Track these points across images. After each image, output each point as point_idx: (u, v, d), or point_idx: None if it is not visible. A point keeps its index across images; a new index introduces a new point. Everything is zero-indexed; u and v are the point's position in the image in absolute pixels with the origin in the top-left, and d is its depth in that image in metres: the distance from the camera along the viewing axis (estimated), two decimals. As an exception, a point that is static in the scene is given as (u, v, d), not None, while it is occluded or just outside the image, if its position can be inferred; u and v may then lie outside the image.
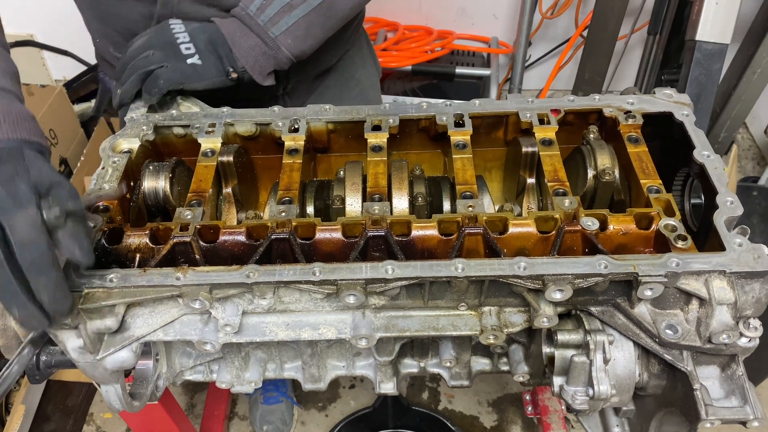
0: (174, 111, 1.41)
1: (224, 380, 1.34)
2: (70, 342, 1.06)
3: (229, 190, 1.34)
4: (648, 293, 1.02)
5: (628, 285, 1.06)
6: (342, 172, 1.34)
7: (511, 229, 1.13)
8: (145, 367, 1.26)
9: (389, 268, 1.05)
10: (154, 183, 1.27)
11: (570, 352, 1.12)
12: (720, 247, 1.05)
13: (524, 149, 1.29)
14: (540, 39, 3.94)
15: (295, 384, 2.85)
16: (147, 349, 1.24)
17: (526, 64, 3.86)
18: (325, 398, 2.87)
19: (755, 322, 1.02)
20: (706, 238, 1.15)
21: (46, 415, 2.67)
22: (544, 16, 3.67)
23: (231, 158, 1.30)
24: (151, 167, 1.28)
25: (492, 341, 1.12)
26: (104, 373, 1.13)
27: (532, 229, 1.13)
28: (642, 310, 1.07)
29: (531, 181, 1.32)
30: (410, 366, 1.39)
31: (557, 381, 1.16)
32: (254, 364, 1.35)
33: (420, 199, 1.28)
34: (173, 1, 1.48)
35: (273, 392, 2.73)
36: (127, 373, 1.23)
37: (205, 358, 1.33)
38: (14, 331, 1.16)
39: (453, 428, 2.73)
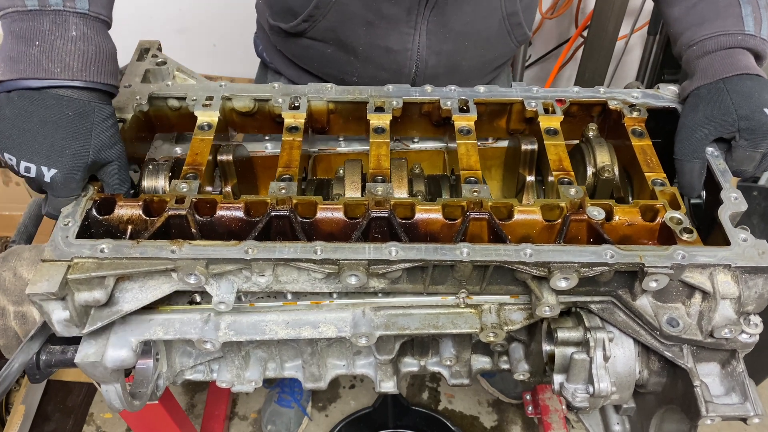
0: (169, 82, 1.39)
1: (224, 379, 1.34)
2: (56, 314, 1.03)
3: (228, 189, 1.34)
4: (653, 285, 1.02)
5: (631, 277, 1.06)
6: (341, 171, 1.34)
7: (517, 216, 1.12)
8: (145, 366, 1.26)
9: (393, 250, 1.04)
10: (154, 182, 1.27)
11: (570, 350, 1.12)
12: (723, 242, 1.06)
13: (524, 147, 1.29)
14: (540, 39, 3.94)
15: (312, 396, 2.85)
16: (147, 349, 1.24)
17: (526, 64, 3.85)
18: (326, 398, 2.87)
19: (756, 319, 1.02)
20: (707, 235, 1.15)
21: (46, 415, 2.66)
22: (544, 16, 3.66)
23: (230, 157, 1.29)
24: (150, 166, 1.28)
25: (492, 339, 1.12)
26: (104, 372, 1.12)
27: (537, 216, 1.12)
28: (643, 303, 1.08)
29: (530, 178, 1.32)
30: (410, 365, 1.39)
31: (557, 379, 1.16)
32: (254, 363, 1.35)
33: (420, 197, 1.27)
34: None
35: (288, 396, 2.72)
36: (127, 372, 1.23)
37: (205, 357, 1.33)
38: (14, 331, 1.16)
39: (453, 428, 2.73)
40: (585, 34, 3.41)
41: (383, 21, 1.54)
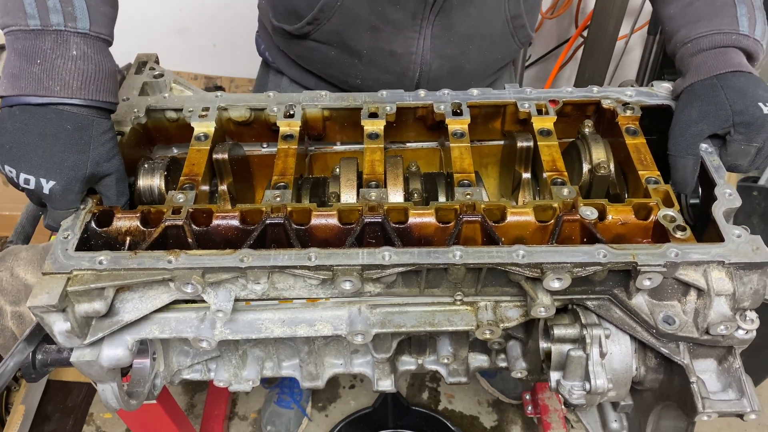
0: (166, 94, 1.40)
1: (222, 379, 1.34)
2: (57, 325, 1.04)
3: (224, 187, 1.34)
4: (647, 283, 1.02)
5: (626, 275, 1.06)
6: (337, 170, 1.34)
7: (509, 218, 1.12)
8: (141, 365, 1.26)
9: (386, 255, 1.05)
10: (149, 181, 1.27)
11: (566, 347, 1.12)
12: (718, 239, 1.05)
13: (519, 144, 1.29)
14: (540, 39, 3.93)
15: (312, 396, 2.85)
16: (144, 348, 1.24)
17: (526, 64, 3.85)
18: (325, 398, 2.87)
19: (752, 315, 1.02)
20: (703, 231, 1.15)
21: (46, 415, 2.66)
22: (544, 16, 3.66)
23: (226, 156, 1.29)
24: (146, 165, 1.28)
25: (488, 336, 1.12)
26: (100, 371, 1.13)
27: (530, 218, 1.12)
28: (639, 301, 1.07)
29: (526, 176, 1.32)
30: (408, 363, 1.39)
31: (554, 376, 1.16)
32: (252, 362, 1.35)
33: (416, 195, 1.27)
34: None
35: (287, 396, 2.73)
36: (124, 371, 1.23)
37: (202, 356, 1.33)
38: (11, 330, 1.16)
39: (453, 428, 2.72)
40: (585, 34, 3.41)
41: (388, 25, 1.54)
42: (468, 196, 1.14)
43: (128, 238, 1.14)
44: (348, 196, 1.24)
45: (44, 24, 1.04)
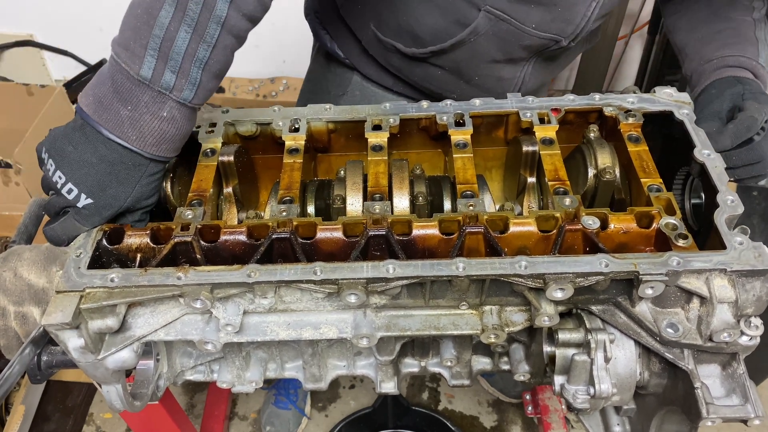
0: None
1: (225, 380, 1.34)
2: (72, 342, 1.06)
3: (229, 189, 1.34)
4: (649, 292, 1.02)
5: (629, 284, 1.06)
6: (342, 172, 1.34)
7: (512, 228, 1.13)
8: (146, 367, 1.26)
9: (390, 268, 1.05)
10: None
11: (571, 351, 1.12)
12: (721, 245, 1.05)
13: (524, 148, 1.29)
14: (540, 39, 3.94)
15: (312, 396, 2.86)
16: (148, 349, 1.24)
17: (526, 64, 3.86)
18: (325, 398, 2.87)
19: (756, 321, 1.02)
20: (707, 237, 1.15)
21: (46, 415, 2.66)
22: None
23: (231, 158, 1.30)
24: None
25: (493, 340, 1.12)
26: (105, 373, 1.13)
27: (532, 228, 1.13)
28: (643, 309, 1.08)
29: (531, 180, 1.32)
30: (411, 365, 1.39)
31: (558, 380, 1.16)
32: (255, 363, 1.35)
33: (421, 198, 1.28)
34: (480, 30, 1.53)
35: (284, 397, 2.73)
36: (127, 372, 1.23)
37: (205, 357, 1.33)
38: (15, 332, 1.16)
39: (453, 428, 2.73)
40: (585, 34, 3.41)
41: (507, 60, 1.61)
42: (471, 207, 1.15)
43: (139, 255, 1.16)
44: (354, 200, 1.24)
45: (153, 82, 1.07)
